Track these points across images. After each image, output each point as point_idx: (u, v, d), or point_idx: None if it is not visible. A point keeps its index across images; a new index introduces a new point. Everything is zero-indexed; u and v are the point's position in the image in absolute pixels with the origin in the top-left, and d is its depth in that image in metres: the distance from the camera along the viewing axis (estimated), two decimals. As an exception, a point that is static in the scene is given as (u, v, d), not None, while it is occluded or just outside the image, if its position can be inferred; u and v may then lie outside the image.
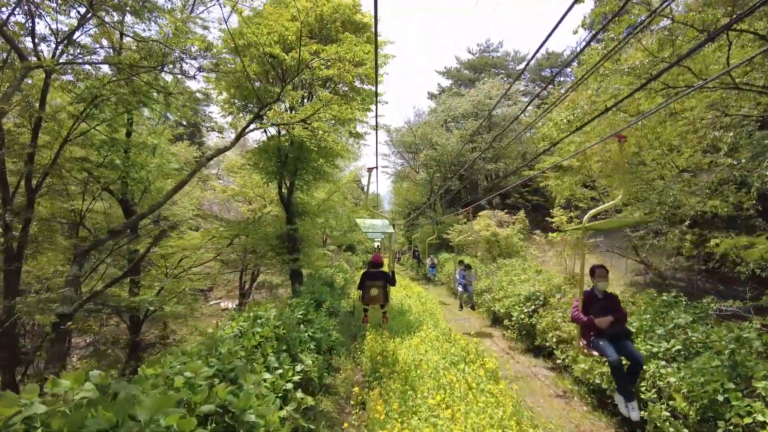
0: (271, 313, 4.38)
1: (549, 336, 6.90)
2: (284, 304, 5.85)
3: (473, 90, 26.11)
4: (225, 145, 6.61)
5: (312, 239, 13.69)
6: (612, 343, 4.11)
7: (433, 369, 5.51)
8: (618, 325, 4.24)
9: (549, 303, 7.77)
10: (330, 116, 6.87)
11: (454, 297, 15.70)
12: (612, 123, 7.71)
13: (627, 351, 4.03)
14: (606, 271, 4.63)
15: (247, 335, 3.57)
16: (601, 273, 4.60)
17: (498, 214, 16.52)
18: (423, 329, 8.51)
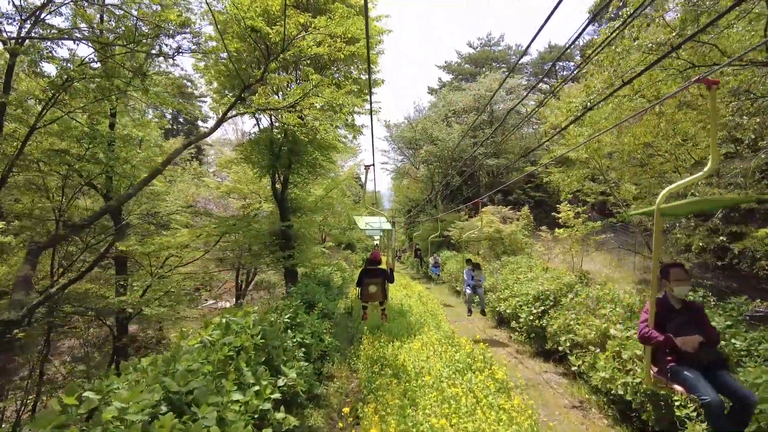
0: (250, 319, 3.82)
1: (562, 339, 6.34)
2: (269, 307, 5.30)
3: (474, 84, 25.50)
4: (204, 132, 6.03)
5: (308, 237, 13.13)
6: (703, 374, 2.92)
7: (436, 378, 4.96)
8: (708, 349, 3.06)
9: (560, 303, 7.21)
10: (322, 101, 6.30)
11: (456, 296, 15.14)
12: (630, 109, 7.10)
13: (728, 387, 2.84)
14: (685, 271, 3.35)
15: (216, 347, 3.02)
16: (678, 274, 3.29)
17: (502, 210, 15.95)
18: (424, 331, 7.96)
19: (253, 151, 10.44)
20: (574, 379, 6.19)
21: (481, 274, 9.77)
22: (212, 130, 5.98)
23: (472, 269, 9.85)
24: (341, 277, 14.84)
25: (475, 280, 9.67)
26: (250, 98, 5.97)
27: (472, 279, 9.73)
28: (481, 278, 9.71)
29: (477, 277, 9.67)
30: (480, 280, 9.67)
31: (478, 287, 9.67)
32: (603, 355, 5.04)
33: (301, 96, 5.72)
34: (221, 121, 5.87)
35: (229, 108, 5.94)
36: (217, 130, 13.38)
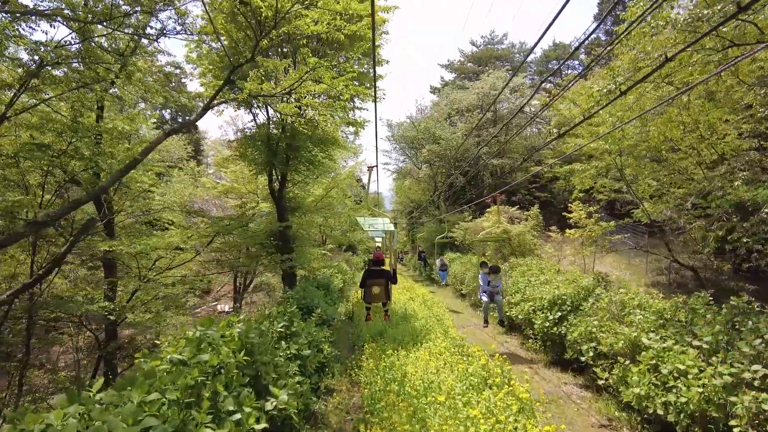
0: (234, 331, 3.27)
1: (584, 348, 5.76)
2: (261, 314, 4.75)
3: (478, 82, 24.97)
4: (190, 119, 5.52)
5: (307, 238, 12.58)
6: None
7: (448, 394, 4.40)
8: None
9: (580, 309, 6.63)
10: (321, 89, 5.77)
11: (462, 299, 14.55)
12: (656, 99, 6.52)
13: None
14: None
15: (186, 368, 2.46)
16: None
17: (509, 210, 15.38)
18: (431, 338, 7.40)
19: (249, 148, 9.92)
20: (598, 393, 5.62)
21: (499, 279, 8.54)
22: (198, 116, 5.46)
23: (488, 273, 8.63)
24: (342, 280, 14.28)
25: (492, 285, 8.47)
26: (242, 84, 5.45)
27: (488, 284, 8.53)
28: (498, 284, 8.49)
29: (494, 283, 8.46)
30: (498, 285, 8.47)
31: (496, 294, 8.49)
32: (636, 368, 4.47)
33: (297, 80, 5.18)
34: (208, 106, 5.34)
35: (217, 92, 5.40)
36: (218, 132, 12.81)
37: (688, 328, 4.61)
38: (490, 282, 8.51)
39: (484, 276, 8.71)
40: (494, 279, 8.47)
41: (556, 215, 23.60)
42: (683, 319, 5.03)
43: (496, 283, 8.50)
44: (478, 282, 8.90)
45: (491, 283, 8.49)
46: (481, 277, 8.79)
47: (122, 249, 6.74)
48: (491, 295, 8.51)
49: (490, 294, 8.52)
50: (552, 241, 13.91)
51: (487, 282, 8.57)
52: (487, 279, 8.59)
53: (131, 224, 10.62)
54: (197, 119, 5.48)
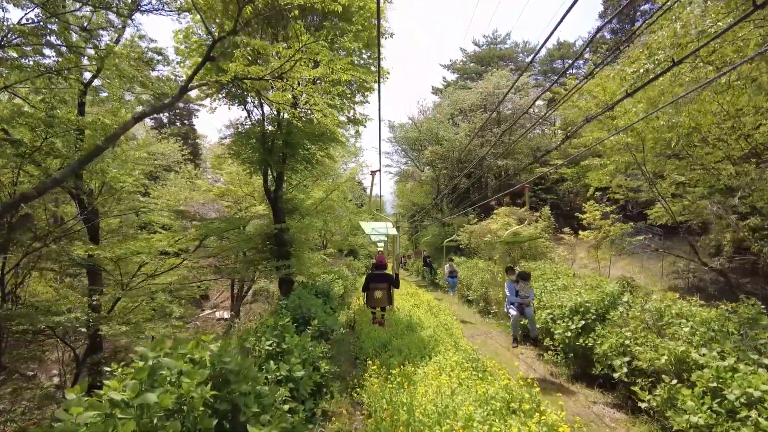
0: (205, 354, 2.61)
1: (616, 364, 5.07)
2: (245, 331, 4.08)
3: (482, 81, 24.39)
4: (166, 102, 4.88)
5: (306, 242, 11.92)
6: None
7: (466, 422, 3.72)
8: None
9: (608, 318, 5.95)
10: (318, 74, 5.14)
11: (468, 305, 13.82)
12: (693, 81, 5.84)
13: None
14: None
15: (128, 411, 1.80)
16: None
17: (518, 211, 14.70)
18: (440, 351, 6.71)
19: (243, 146, 9.31)
20: (634, 415, 4.92)
21: (530, 288, 7.18)
22: (175, 99, 4.81)
23: (516, 281, 7.28)
24: (343, 286, 13.58)
25: (522, 296, 7.11)
26: (227, 65, 4.84)
27: (516, 294, 7.19)
28: (529, 293, 7.11)
29: (524, 292, 7.11)
30: (528, 295, 7.09)
31: (526, 305, 7.04)
32: (689, 392, 3.77)
33: (288, 59, 4.55)
34: (186, 87, 4.71)
35: (196, 70, 4.77)
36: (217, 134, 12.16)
37: (748, 343, 3.93)
38: (519, 291, 7.19)
39: (511, 285, 7.31)
40: (524, 288, 7.13)
41: (563, 217, 22.93)
42: (734, 331, 4.36)
43: (527, 293, 7.12)
44: (504, 292, 7.41)
45: (520, 293, 7.17)
46: (508, 285, 7.35)
47: (99, 253, 6.08)
48: (521, 307, 7.13)
49: (520, 306, 7.14)
50: (564, 243, 13.23)
51: (515, 292, 7.24)
52: (514, 288, 7.27)
53: (118, 228, 10.00)
54: (173, 102, 4.85)
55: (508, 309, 7.32)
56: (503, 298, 10.42)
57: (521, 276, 7.22)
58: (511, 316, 7.24)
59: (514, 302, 7.21)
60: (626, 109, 7.10)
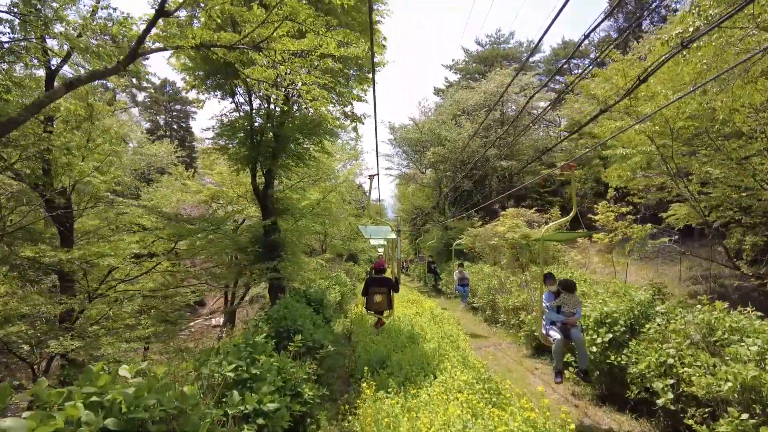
0: (117, 395, 1.81)
1: (658, 387, 4.22)
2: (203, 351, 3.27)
3: (485, 81, 23.69)
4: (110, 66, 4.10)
5: (298, 245, 11.12)
6: None
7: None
8: None
9: (643, 331, 5.11)
10: (304, 47, 4.39)
11: (474, 312, 12.93)
12: (743, 51, 5.05)
13: None
14: None
15: None
16: None
17: (526, 212, 13.89)
18: (446, 367, 5.87)
19: (230, 138, 8.57)
20: (680, 450, 4.08)
21: (577, 302, 5.45)
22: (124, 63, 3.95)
23: (557, 292, 5.54)
24: (340, 292, 12.74)
25: (566, 312, 5.35)
26: (191, 30, 4.10)
27: (558, 311, 5.43)
28: (576, 310, 5.37)
29: (568, 308, 5.37)
30: (575, 312, 5.34)
31: (572, 327, 5.26)
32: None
33: (265, 21, 3.80)
34: (136, 50, 3.91)
35: (147, 29, 3.95)
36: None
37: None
38: (562, 307, 5.41)
39: (550, 297, 5.61)
40: (568, 301, 5.39)
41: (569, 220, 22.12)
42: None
43: (572, 308, 5.36)
44: (541, 306, 5.70)
45: (564, 309, 5.39)
46: (546, 298, 5.63)
47: (54, 255, 5.29)
48: (565, 328, 5.31)
49: (563, 327, 5.33)
50: (577, 246, 12.41)
51: (556, 308, 5.47)
52: (552, 297, 5.60)
53: (95, 230, 9.23)
54: (121, 68, 4.05)
55: (547, 330, 5.56)
56: (512, 307, 9.63)
57: (564, 285, 5.50)
58: (552, 340, 5.38)
59: (555, 321, 5.45)
60: (654, 92, 6.33)
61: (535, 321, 7.07)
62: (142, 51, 3.91)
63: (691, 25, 4.25)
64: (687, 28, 4.26)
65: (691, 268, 15.05)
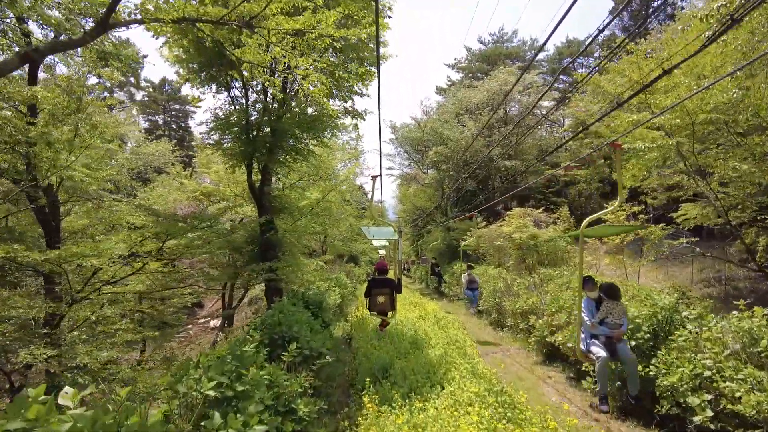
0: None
1: (694, 403, 3.78)
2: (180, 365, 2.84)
3: (488, 79, 23.29)
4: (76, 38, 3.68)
5: (297, 245, 10.70)
6: None
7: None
8: None
9: (672, 339, 4.67)
10: (300, 26, 3.99)
11: (479, 317, 12.46)
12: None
13: None
14: None
15: None
16: None
17: (533, 212, 13.45)
18: (454, 377, 5.44)
19: (224, 132, 8.17)
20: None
21: (622, 311, 4.68)
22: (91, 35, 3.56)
23: (598, 299, 4.86)
24: (340, 295, 12.31)
25: (611, 323, 4.62)
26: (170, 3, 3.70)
27: (602, 323, 4.68)
28: (623, 321, 4.63)
29: (613, 318, 4.63)
30: (622, 323, 4.61)
31: (619, 342, 4.52)
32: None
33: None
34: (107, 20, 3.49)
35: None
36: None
37: None
38: (606, 318, 4.62)
39: (590, 305, 4.85)
40: (612, 310, 4.63)
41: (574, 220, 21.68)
42: None
43: (618, 319, 4.60)
44: (580, 315, 4.81)
45: (608, 320, 4.60)
46: (586, 307, 4.84)
47: (28, 256, 4.88)
48: (610, 343, 4.50)
49: (608, 342, 4.51)
50: (586, 248, 11.97)
51: (598, 318, 4.69)
52: (594, 306, 4.80)
53: (84, 229, 8.82)
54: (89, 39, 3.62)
55: (589, 347, 4.67)
56: (520, 310, 9.18)
57: (607, 291, 4.68)
58: (595, 359, 4.50)
59: (599, 335, 4.57)
60: (676, 83, 5.92)
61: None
62: (115, 22, 3.50)
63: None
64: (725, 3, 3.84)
65: (701, 270, 14.62)
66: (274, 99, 8.33)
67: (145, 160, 20.45)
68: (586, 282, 5.11)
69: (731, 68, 4.89)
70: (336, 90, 8.49)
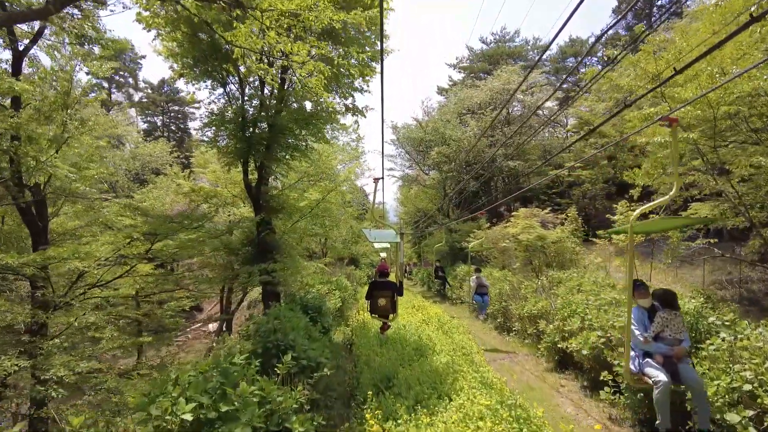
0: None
1: (734, 420, 3.40)
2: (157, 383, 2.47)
3: (491, 78, 22.97)
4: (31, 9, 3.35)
5: (295, 247, 10.33)
6: None
7: None
8: None
9: (702, 347, 4.29)
10: (294, 6, 3.66)
11: (483, 320, 12.05)
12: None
13: None
14: None
15: None
16: None
17: (540, 213, 13.08)
18: (462, 387, 5.06)
19: (219, 129, 7.83)
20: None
21: (681, 324, 3.89)
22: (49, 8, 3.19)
23: (651, 308, 4.12)
24: (340, 298, 11.93)
25: (669, 338, 3.85)
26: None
27: (657, 339, 3.93)
28: (683, 335, 3.86)
29: (671, 332, 3.85)
30: (682, 339, 3.84)
31: (681, 362, 3.74)
32: None
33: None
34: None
35: None
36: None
37: None
38: (662, 332, 3.88)
39: (642, 315, 4.07)
40: (670, 322, 3.85)
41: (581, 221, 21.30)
42: None
43: (678, 333, 3.83)
44: (629, 328, 3.83)
45: (665, 334, 3.86)
46: (637, 318, 4.03)
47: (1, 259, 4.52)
48: (670, 363, 3.73)
49: (668, 361, 3.73)
50: (597, 248, 11.60)
51: (652, 332, 3.92)
52: (647, 322, 4.03)
53: (74, 230, 8.47)
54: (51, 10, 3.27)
55: (643, 367, 3.83)
56: (528, 315, 8.81)
57: (663, 299, 3.95)
58: (652, 383, 3.65)
59: (654, 352, 3.82)
60: (698, 71, 5.57)
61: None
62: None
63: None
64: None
65: (712, 272, 14.22)
66: (271, 94, 8.01)
67: (142, 161, 20.10)
68: (637, 287, 4.19)
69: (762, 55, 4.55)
70: (336, 85, 8.16)
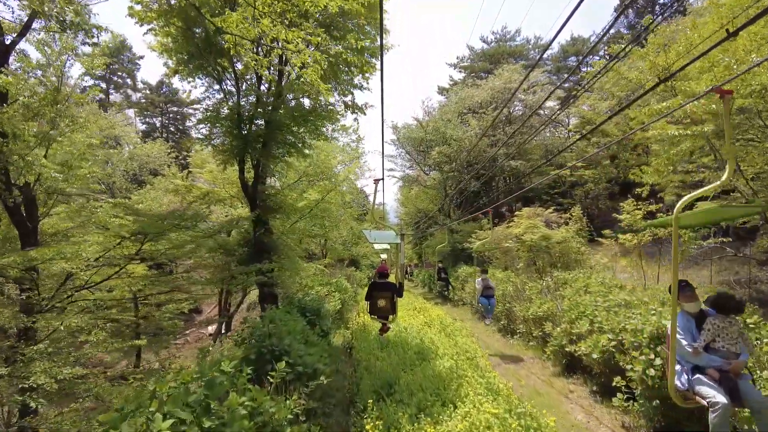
0: None
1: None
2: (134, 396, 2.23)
3: (492, 77, 22.75)
4: None
5: (296, 249, 10.09)
6: None
7: None
8: None
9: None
10: None
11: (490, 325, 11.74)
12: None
13: None
14: None
15: None
16: None
17: (544, 212, 12.82)
18: (467, 394, 4.81)
19: (214, 126, 7.60)
20: None
21: (738, 331, 3.23)
22: None
23: (701, 314, 3.43)
24: (340, 300, 11.68)
25: (722, 350, 3.21)
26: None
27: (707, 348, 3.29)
28: (742, 350, 3.20)
29: (726, 342, 3.20)
30: (740, 353, 3.19)
31: (738, 378, 3.10)
32: None
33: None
34: None
35: None
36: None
37: None
38: (713, 342, 3.26)
39: (688, 322, 3.44)
40: (724, 331, 3.22)
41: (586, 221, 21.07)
42: None
43: (733, 345, 3.20)
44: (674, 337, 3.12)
45: (717, 344, 3.24)
46: (682, 325, 3.38)
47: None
48: (727, 379, 3.07)
49: (725, 377, 3.08)
50: (603, 248, 11.35)
51: (702, 341, 3.28)
52: (695, 328, 3.41)
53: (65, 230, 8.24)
54: None
55: (693, 385, 3.18)
56: (533, 317, 8.55)
57: (718, 303, 3.33)
58: (709, 404, 2.98)
59: (705, 366, 3.21)
60: (713, 62, 5.32)
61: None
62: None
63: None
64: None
65: (719, 273, 13.96)
66: (268, 90, 7.79)
67: (140, 161, 19.87)
68: (683, 289, 3.44)
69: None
70: (335, 81, 7.95)
